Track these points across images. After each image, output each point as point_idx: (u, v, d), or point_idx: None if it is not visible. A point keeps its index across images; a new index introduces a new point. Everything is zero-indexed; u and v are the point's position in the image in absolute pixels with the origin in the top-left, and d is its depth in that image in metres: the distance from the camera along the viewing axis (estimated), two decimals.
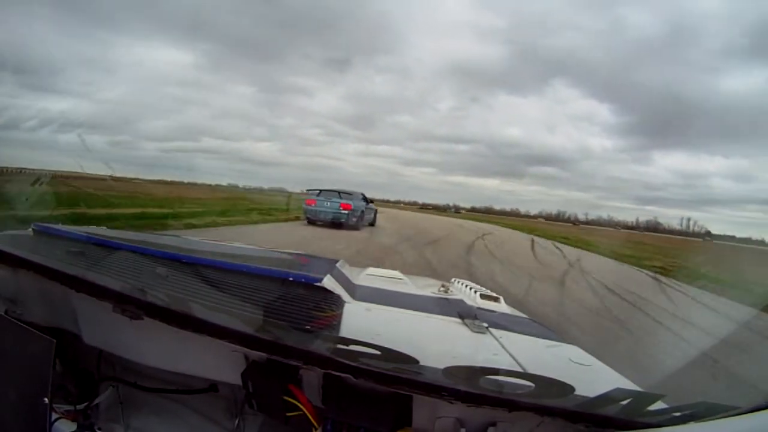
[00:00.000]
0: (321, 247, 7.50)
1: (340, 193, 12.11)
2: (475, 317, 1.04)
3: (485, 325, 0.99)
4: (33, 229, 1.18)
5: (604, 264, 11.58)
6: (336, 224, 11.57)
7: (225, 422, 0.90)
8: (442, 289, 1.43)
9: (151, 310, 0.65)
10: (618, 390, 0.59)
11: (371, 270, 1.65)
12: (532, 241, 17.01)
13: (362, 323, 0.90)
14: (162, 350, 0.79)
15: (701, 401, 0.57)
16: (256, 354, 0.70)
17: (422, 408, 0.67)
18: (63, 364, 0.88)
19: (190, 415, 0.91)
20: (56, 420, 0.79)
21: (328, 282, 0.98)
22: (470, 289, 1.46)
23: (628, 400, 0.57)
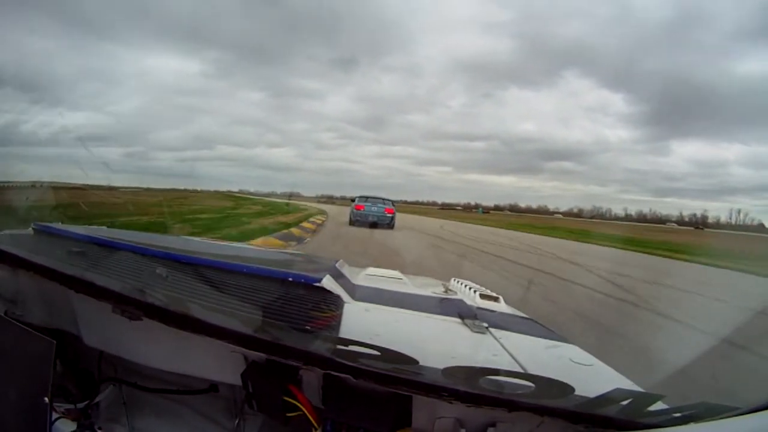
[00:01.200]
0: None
1: (384, 200, 14.66)
2: (475, 317, 1.04)
3: (485, 325, 0.99)
4: (33, 228, 1.18)
5: None
6: (376, 224, 13.82)
7: (225, 422, 0.90)
8: (441, 289, 1.43)
9: (150, 311, 0.65)
10: (618, 390, 0.59)
11: (371, 270, 1.65)
12: None
13: (362, 323, 0.89)
14: (162, 351, 0.79)
15: (701, 402, 0.57)
16: (255, 354, 0.70)
17: (422, 408, 0.67)
18: (64, 364, 0.88)
19: (191, 416, 0.91)
20: (57, 419, 0.79)
21: (328, 282, 0.98)
22: (470, 289, 1.45)
23: (629, 401, 0.57)
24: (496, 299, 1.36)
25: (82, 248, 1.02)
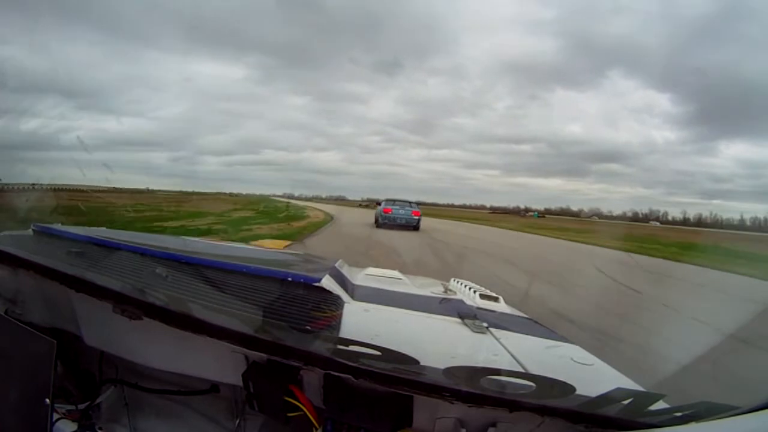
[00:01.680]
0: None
1: (410, 203, 15.17)
2: (475, 317, 1.04)
3: (485, 324, 0.99)
4: (33, 229, 1.18)
5: None
6: (403, 226, 14.24)
7: (226, 423, 0.90)
8: (441, 289, 1.43)
9: (151, 311, 0.65)
10: (619, 390, 0.59)
11: (371, 270, 1.65)
12: None
13: (362, 323, 0.89)
14: (163, 351, 0.79)
15: (702, 401, 0.57)
16: (256, 355, 0.70)
17: (423, 408, 0.67)
18: (64, 365, 0.87)
19: (192, 416, 0.91)
20: (58, 420, 0.79)
21: (327, 282, 0.98)
22: (470, 289, 1.45)
23: (629, 400, 0.57)
24: (495, 299, 1.36)
25: (81, 248, 1.02)
